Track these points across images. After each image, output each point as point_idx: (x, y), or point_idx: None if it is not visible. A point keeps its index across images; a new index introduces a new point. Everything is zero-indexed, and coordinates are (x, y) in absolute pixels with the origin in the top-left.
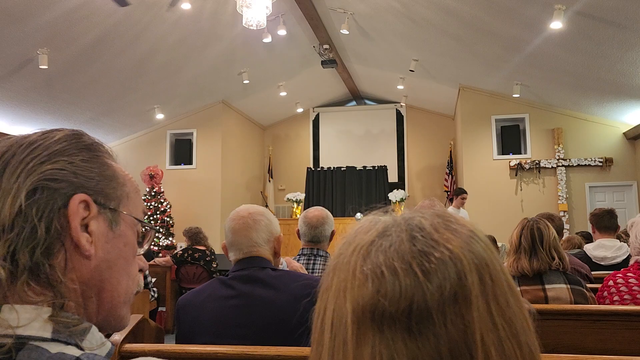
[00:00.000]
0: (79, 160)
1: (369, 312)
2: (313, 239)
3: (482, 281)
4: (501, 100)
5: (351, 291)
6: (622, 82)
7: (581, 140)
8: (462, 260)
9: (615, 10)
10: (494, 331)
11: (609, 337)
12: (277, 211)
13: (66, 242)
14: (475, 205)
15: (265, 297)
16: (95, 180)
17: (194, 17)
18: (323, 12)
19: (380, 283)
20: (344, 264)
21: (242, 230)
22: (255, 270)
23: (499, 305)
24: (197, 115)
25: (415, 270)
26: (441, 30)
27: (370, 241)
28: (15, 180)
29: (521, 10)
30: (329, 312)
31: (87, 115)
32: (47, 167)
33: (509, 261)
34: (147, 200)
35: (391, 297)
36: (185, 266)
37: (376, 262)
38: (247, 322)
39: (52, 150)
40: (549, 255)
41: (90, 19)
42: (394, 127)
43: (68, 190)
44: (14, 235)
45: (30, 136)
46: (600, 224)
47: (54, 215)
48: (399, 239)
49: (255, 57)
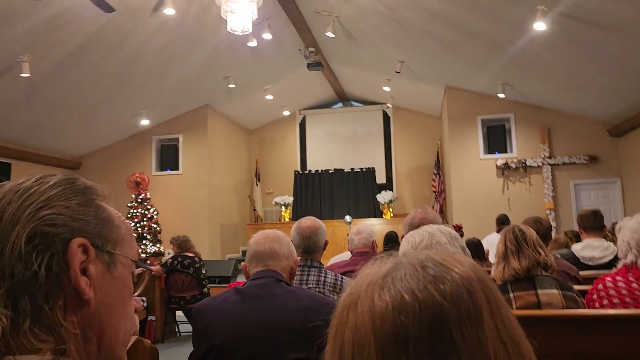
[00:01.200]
0: (75, 204)
1: (392, 335)
2: (307, 249)
3: (489, 302)
4: (487, 100)
5: (371, 319)
6: (605, 81)
7: (566, 139)
8: (471, 282)
9: (596, 12)
10: (504, 348)
11: (600, 341)
12: (265, 215)
13: (66, 287)
14: (462, 205)
15: (278, 303)
16: (92, 224)
17: (178, 22)
18: (308, 16)
19: (401, 306)
20: (360, 298)
21: (267, 242)
22: (272, 281)
23: (505, 326)
24: (183, 120)
25: (431, 292)
26: (426, 31)
27: (384, 274)
28: (13, 227)
29: (505, 11)
30: (348, 346)
31: (71, 123)
32: (45, 213)
33: (499, 269)
34: (134, 207)
35: (412, 318)
36: (175, 275)
37: (394, 289)
38: (259, 324)
39: (48, 195)
40: (536, 251)
41: (72, 26)
42: (381, 129)
43: (67, 234)
44: (15, 282)
45: (24, 182)
46: (587, 224)
47: (54, 260)
48: (412, 268)
49: (241, 61)
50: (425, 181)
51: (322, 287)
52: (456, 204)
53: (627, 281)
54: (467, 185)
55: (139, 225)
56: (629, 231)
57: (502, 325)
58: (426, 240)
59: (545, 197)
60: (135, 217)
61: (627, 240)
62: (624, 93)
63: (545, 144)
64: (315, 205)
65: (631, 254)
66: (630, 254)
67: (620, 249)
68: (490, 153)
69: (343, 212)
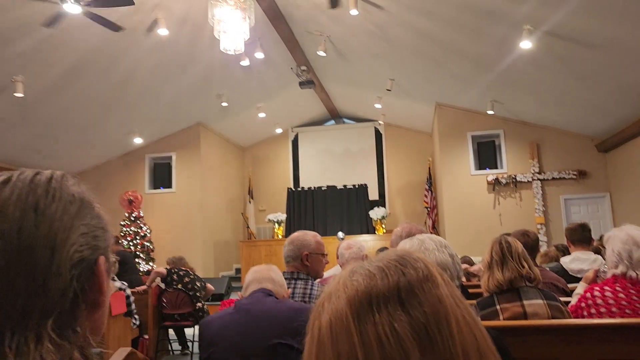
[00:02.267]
0: (90, 218)
1: (366, 299)
2: (286, 258)
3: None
4: (476, 116)
5: (346, 297)
6: (591, 97)
7: (555, 154)
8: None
9: (581, 31)
10: (458, 309)
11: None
12: (258, 232)
13: (88, 301)
14: (454, 221)
15: (265, 305)
16: (102, 238)
17: (172, 42)
18: (300, 35)
19: (370, 276)
20: (333, 291)
21: (263, 270)
22: (263, 294)
23: (457, 295)
24: (176, 138)
25: (395, 264)
26: (415, 50)
27: (352, 270)
28: (52, 254)
29: (491, 30)
30: (326, 328)
31: (64, 142)
32: (74, 238)
33: (484, 279)
34: (127, 225)
35: (381, 281)
36: (168, 292)
37: (362, 270)
38: (251, 331)
39: (70, 214)
40: (519, 264)
41: (67, 46)
42: (373, 145)
43: (93, 255)
44: (50, 301)
45: (31, 196)
46: (575, 237)
47: (86, 283)
48: (376, 260)
49: (233, 80)
50: (418, 197)
51: (309, 299)
52: (448, 219)
53: (614, 291)
54: (458, 201)
55: (132, 244)
56: (619, 242)
57: (454, 293)
58: (416, 246)
59: (536, 212)
60: (128, 235)
61: (618, 251)
62: (610, 109)
63: (535, 160)
64: (309, 222)
65: (622, 265)
66: (622, 265)
67: (610, 260)
68: (481, 169)
69: (336, 228)
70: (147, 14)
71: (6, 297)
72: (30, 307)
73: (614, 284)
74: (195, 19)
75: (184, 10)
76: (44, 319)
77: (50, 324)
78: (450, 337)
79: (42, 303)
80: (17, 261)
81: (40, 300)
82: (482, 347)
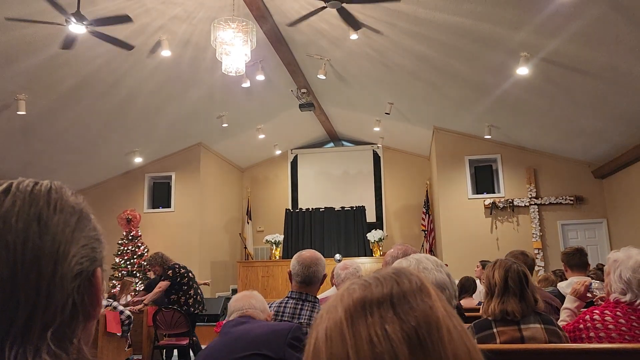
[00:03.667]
0: (88, 230)
1: (360, 304)
2: (305, 279)
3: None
4: (474, 141)
5: (343, 305)
6: (587, 123)
7: (552, 179)
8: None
9: (577, 58)
10: (450, 320)
11: None
12: (255, 253)
13: (85, 312)
14: (452, 244)
15: (242, 331)
16: (98, 250)
17: (174, 63)
18: (300, 58)
19: (365, 285)
20: (333, 304)
21: (245, 298)
22: (244, 319)
23: (450, 309)
24: (176, 158)
25: (393, 277)
26: (414, 75)
27: (351, 281)
28: (55, 266)
29: (488, 56)
30: (321, 334)
31: (64, 160)
32: (75, 250)
33: (492, 305)
34: (124, 244)
35: (375, 287)
36: (162, 312)
37: (358, 282)
38: (227, 347)
39: (71, 227)
40: (534, 296)
41: (70, 66)
42: (371, 168)
43: (91, 267)
44: (52, 313)
45: (30, 208)
46: (572, 262)
47: (86, 294)
48: (376, 272)
49: (234, 101)
50: (415, 220)
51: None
52: (445, 243)
53: (615, 316)
54: (456, 224)
55: (129, 263)
56: (629, 270)
57: (447, 307)
58: (413, 265)
59: (533, 237)
60: (125, 254)
61: (627, 278)
62: (606, 135)
63: (532, 185)
64: (306, 243)
65: (631, 294)
66: (630, 293)
67: (615, 284)
68: (479, 193)
69: (333, 250)
70: (151, 36)
71: (10, 308)
72: (33, 319)
73: (615, 308)
74: (198, 41)
75: (187, 32)
76: (44, 330)
77: (49, 336)
78: (441, 343)
79: (44, 315)
80: (22, 273)
81: (43, 312)
82: (475, 358)
